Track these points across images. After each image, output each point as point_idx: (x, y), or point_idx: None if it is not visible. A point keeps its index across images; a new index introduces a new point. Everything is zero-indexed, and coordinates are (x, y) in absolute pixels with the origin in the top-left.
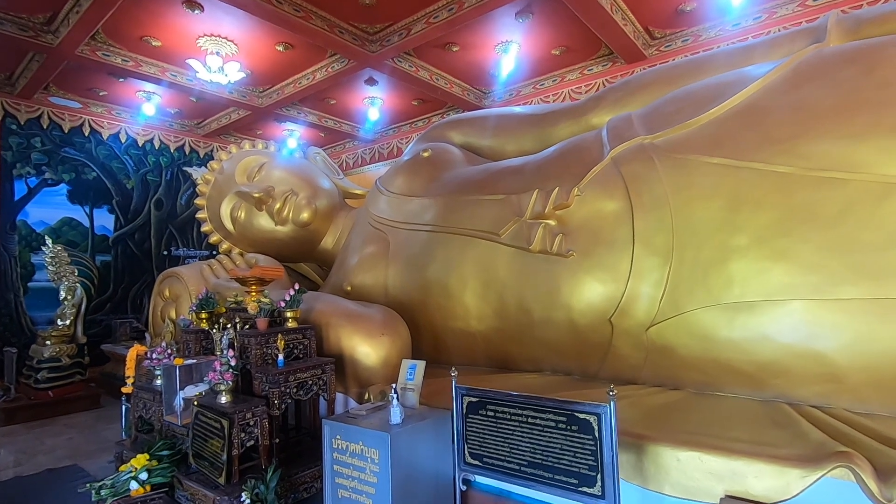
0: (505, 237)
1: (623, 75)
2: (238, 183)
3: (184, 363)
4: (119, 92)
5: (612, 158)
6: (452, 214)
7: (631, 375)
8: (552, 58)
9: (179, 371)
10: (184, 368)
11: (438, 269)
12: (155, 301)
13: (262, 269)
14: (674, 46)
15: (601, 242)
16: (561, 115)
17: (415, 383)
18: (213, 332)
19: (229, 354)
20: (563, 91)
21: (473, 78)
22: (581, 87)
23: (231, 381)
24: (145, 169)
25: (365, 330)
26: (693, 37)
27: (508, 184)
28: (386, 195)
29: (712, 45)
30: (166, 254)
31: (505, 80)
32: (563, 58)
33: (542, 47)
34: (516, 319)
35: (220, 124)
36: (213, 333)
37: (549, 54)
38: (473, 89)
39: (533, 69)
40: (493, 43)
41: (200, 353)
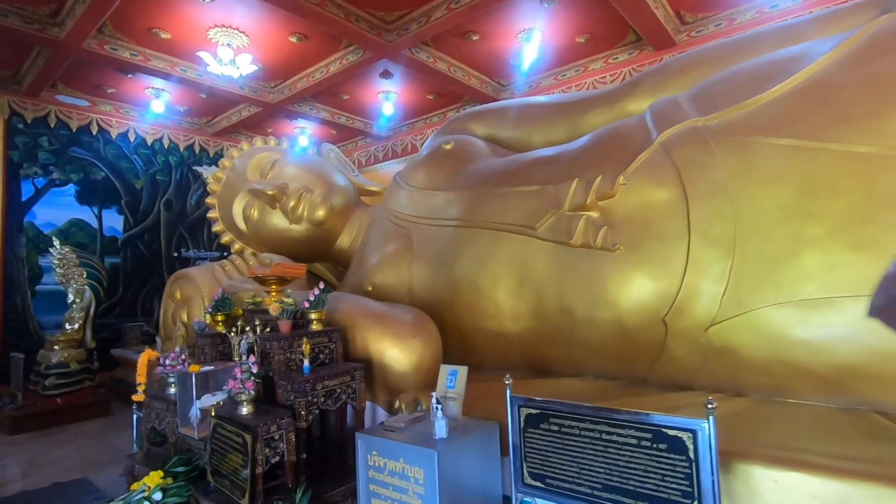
0: (542, 231)
1: (651, 63)
2: (250, 180)
3: (200, 370)
4: (127, 89)
5: (660, 143)
6: (481, 208)
7: (685, 380)
8: (576, 46)
9: (195, 379)
10: (200, 376)
11: (467, 266)
12: (166, 304)
13: (283, 268)
14: (705, 32)
15: (651, 234)
16: (593, 102)
17: (456, 391)
18: (231, 336)
19: (250, 360)
20: (587, 81)
21: (492, 69)
22: (606, 77)
23: (253, 391)
24: (154, 169)
25: (394, 332)
26: (727, 21)
27: (543, 174)
28: (407, 190)
29: (748, 29)
30: (176, 255)
31: (527, 71)
32: (587, 46)
33: (565, 35)
34: (556, 320)
35: (230, 122)
36: (230, 337)
37: (572, 42)
38: (491, 82)
39: (555, 59)
40: (515, 31)
41: (217, 359)
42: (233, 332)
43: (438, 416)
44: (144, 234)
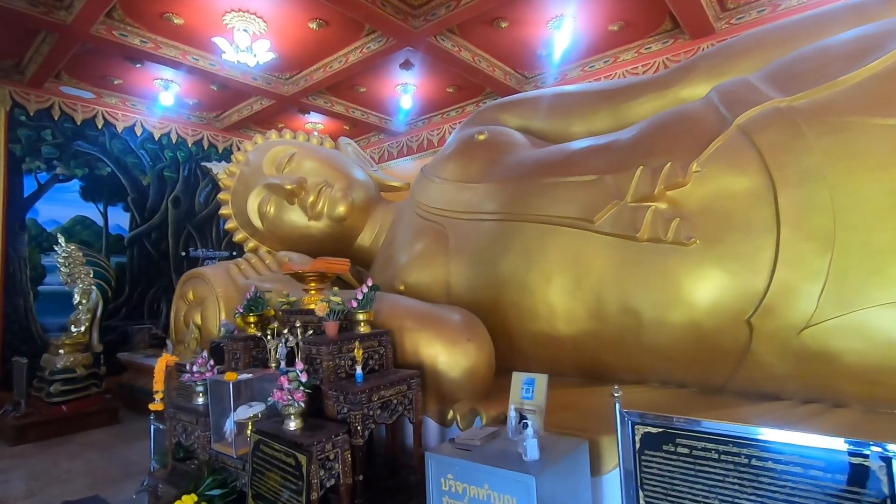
0: (601, 224)
1: (687, 53)
2: (266, 175)
3: (238, 378)
4: (135, 80)
5: (738, 126)
6: (528, 200)
7: (772, 388)
8: (608, 35)
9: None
10: (237, 385)
11: (514, 263)
12: (177, 305)
13: (326, 262)
14: (747, 18)
15: (733, 227)
16: (641, 89)
17: (535, 403)
18: (268, 340)
19: (299, 367)
20: (616, 73)
21: (518, 60)
22: (637, 68)
23: (303, 403)
24: (162, 164)
25: (447, 335)
26: (770, 6)
27: (597, 163)
28: (437, 183)
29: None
30: (184, 255)
31: (558, 61)
32: (620, 34)
33: (598, 22)
34: (618, 321)
35: (240, 116)
36: (266, 341)
37: (605, 31)
38: (515, 73)
39: (583, 49)
40: (546, 18)
41: (250, 365)
42: (269, 335)
43: (530, 433)
44: (151, 233)
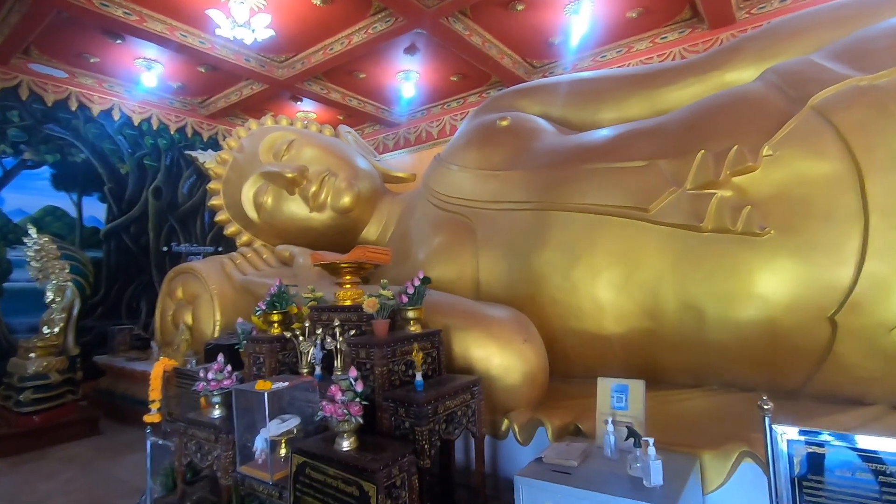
0: (657, 213)
1: (705, 44)
2: (263, 162)
3: (273, 388)
4: (113, 58)
5: (812, 107)
6: (569, 188)
7: (856, 391)
8: (625, 22)
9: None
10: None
11: (555, 256)
12: (164, 303)
13: (367, 251)
14: (768, 8)
15: (812, 215)
16: (679, 73)
17: (632, 414)
18: (301, 342)
19: (352, 375)
20: (629, 63)
21: (528, 47)
22: (653, 58)
23: (360, 417)
24: (142, 152)
25: (501, 336)
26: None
27: (646, 147)
28: (457, 171)
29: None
30: (166, 250)
31: (576, 48)
32: (637, 22)
33: (617, 8)
34: (678, 319)
35: (227, 102)
36: (298, 343)
37: (622, 17)
38: (524, 62)
39: (597, 37)
40: (563, 2)
41: (276, 371)
42: (300, 335)
43: (652, 454)
44: (130, 226)
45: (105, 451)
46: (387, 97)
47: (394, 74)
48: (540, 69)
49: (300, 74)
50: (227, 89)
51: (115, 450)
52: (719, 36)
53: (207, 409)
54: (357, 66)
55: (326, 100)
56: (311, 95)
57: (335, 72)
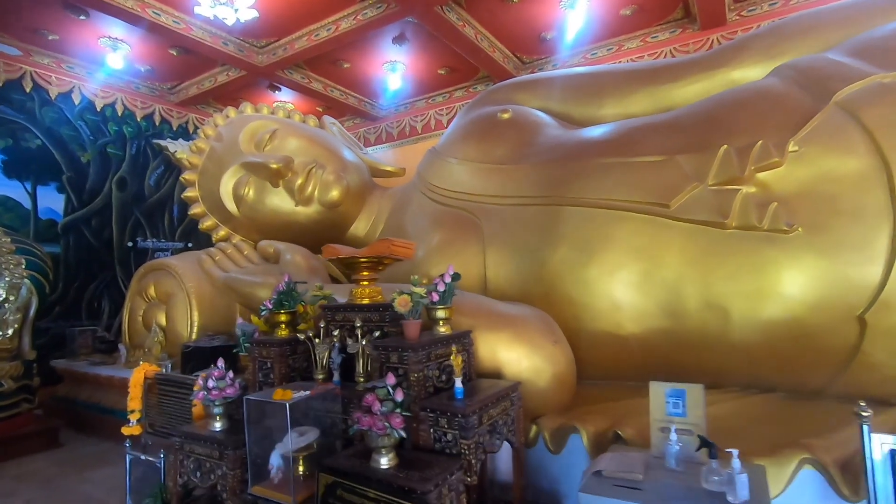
0: (678, 209)
1: (696, 44)
2: (245, 152)
3: (294, 397)
4: (75, 36)
5: (836, 103)
6: (584, 182)
7: (883, 391)
8: (618, 20)
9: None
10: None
11: (569, 253)
12: (133, 302)
13: (392, 244)
14: (758, 11)
15: (840, 212)
16: (684, 69)
17: (692, 421)
18: (317, 344)
19: (390, 382)
20: (619, 61)
21: (520, 42)
22: (644, 56)
23: (403, 431)
24: (105, 139)
25: (529, 337)
26: (783, 0)
27: (663, 141)
28: (456, 164)
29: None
30: (131, 245)
31: (571, 43)
32: (630, 20)
33: (610, 5)
34: (699, 319)
35: (200, 89)
36: (314, 346)
37: (616, 15)
38: (514, 57)
39: (588, 34)
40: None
41: (286, 377)
42: (316, 337)
43: (738, 466)
44: (91, 219)
45: (68, 465)
46: (370, 89)
47: (380, 65)
48: (529, 65)
49: (281, 61)
50: (200, 75)
51: (79, 464)
52: (710, 37)
53: (203, 421)
54: (342, 55)
55: (307, 90)
56: (291, 84)
57: (318, 60)
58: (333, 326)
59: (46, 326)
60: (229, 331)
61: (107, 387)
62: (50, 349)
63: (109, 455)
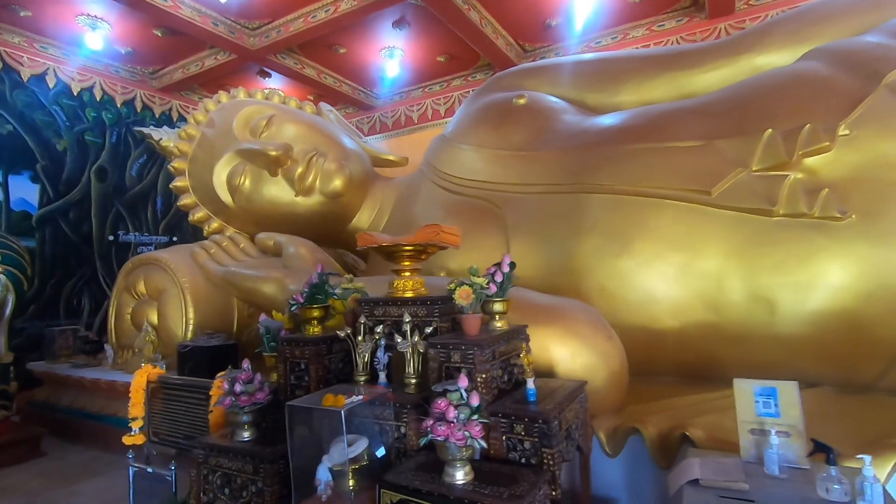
0: (720, 196)
1: (703, 33)
2: (239, 139)
3: (347, 403)
4: (51, 14)
5: (887, 86)
6: (614, 169)
7: None
8: (625, 7)
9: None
10: (343, 415)
11: (600, 243)
12: (120, 299)
13: (442, 231)
14: (764, 0)
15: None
16: (705, 55)
17: (788, 422)
18: (358, 343)
19: (463, 385)
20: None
21: (524, 29)
22: (649, 45)
23: (483, 441)
24: (83, 126)
25: (582, 332)
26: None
27: (699, 126)
28: (470, 151)
29: None
30: (112, 239)
31: (580, 31)
32: (636, 7)
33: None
34: (745, 311)
35: (185, 74)
36: (356, 344)
37: (623, 2)
38: (516, 45)
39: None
40: None
41: (323, 379)
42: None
43: (870, 475)
44: (69, 211)
45: (54, 477)
46: (366, 77)
47: (377, 51)
48: (531, 53)
49: (274, 45)
50: (186, 59)
51: (66, 475)
52: (717, 26)
53: (225, 430)
54: (338, 39)
55: (300, 76)
56: (283, 70)
57: (313, 44)
58: (372, 323)
59: (21, 326)
60: (227, 329)
61: (92, 391)
62: (26, 351)
63: (97, 465)
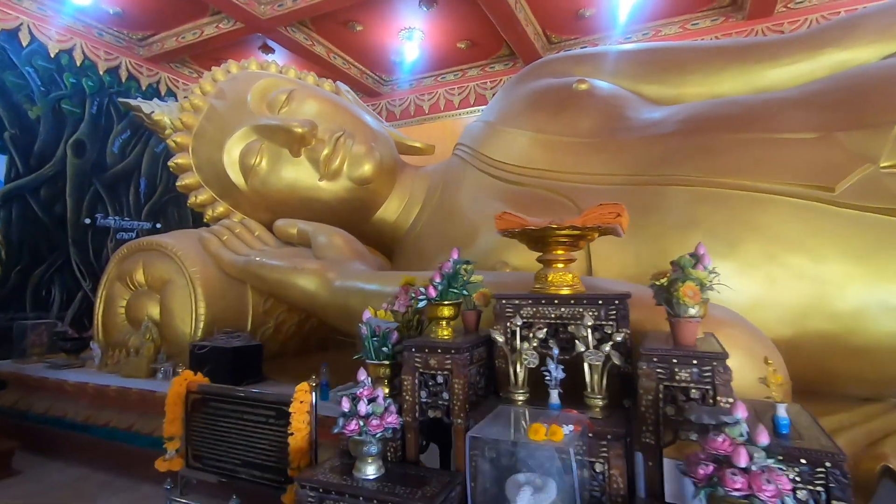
0: (843, 193)
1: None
2: (255, 113)
3: (565, 436)
4: None
5: None
6: (716, 160)
7: None
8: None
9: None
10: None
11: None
12: (112, 290)
13: (611, 209)
14: (805, 4)
15: None
16: (782, 48)
17: None
18: (525, 351)
19: (742, 415)
20: None
21: (555, 17)
22: None
23: None
24: (59, 93)
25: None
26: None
27: (811, 117)
28: (533, 137)
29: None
30: (89, 223)
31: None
32: (674, 4)
33: None
34: (871, 321)
35: (179, 43)
36: (519, 353)
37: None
38: (543, 35)
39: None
40: None
41: (467, 400)
42: (518, 339)
43: None
44: (40, 188)
45: (34, 501)
46: (378, 59)
47: (395, 32)
48: (556, 45)
49: (287, 15)
50: (182, 24)
51: (50, 499)
52: (755, 27)
53: (326, 461)
54: (357, 15)
55: (308, 53)
56: (291, 45)
57: (329, 18)
58: (528, 325)
59: None
60: (241, 327)
61: (75, 396)
62: None
63: (88, 486)
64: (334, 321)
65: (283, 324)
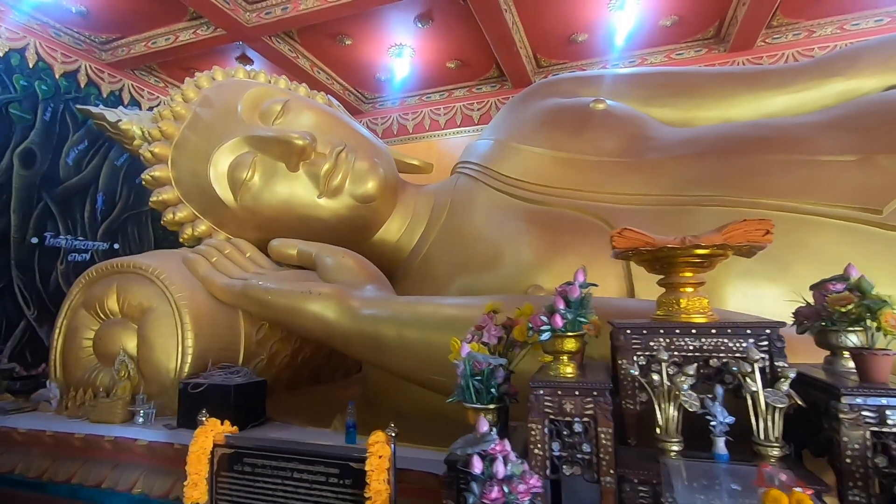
0: (890, 215)
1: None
2: (247, 123)
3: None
4: None
5: None
6: (760, 180)
7: None
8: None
9: None
10: None
11: (753, 265)
12: (75, 320)
13: (761, 225)
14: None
15: None
16: (791, 76)
17: None
18: (685, 392)
19: None
20: None
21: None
22: None
23: None
24: (7, 96)
25: None
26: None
27: (848, 139)
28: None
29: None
30: (36, 242)
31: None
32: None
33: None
34: None
35: (148, 48)
36: (678, 395)
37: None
38: (534, 58)
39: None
40: None
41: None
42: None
43: None
44: None
45: None
46: (363, 76)
47: (385, 48)
48: (545, 69)
49: (275, 23)
50: (155, 28)
51: None
52: (736, 59)
53: None
54: (348, 28)
55: (291, 65)
56: (273, 56)
57: (317, 30)
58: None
59: None
60: (232, 360)
61: (27, 446)
62: None
63: None
64: (358, 351)
65: (277, 354)
